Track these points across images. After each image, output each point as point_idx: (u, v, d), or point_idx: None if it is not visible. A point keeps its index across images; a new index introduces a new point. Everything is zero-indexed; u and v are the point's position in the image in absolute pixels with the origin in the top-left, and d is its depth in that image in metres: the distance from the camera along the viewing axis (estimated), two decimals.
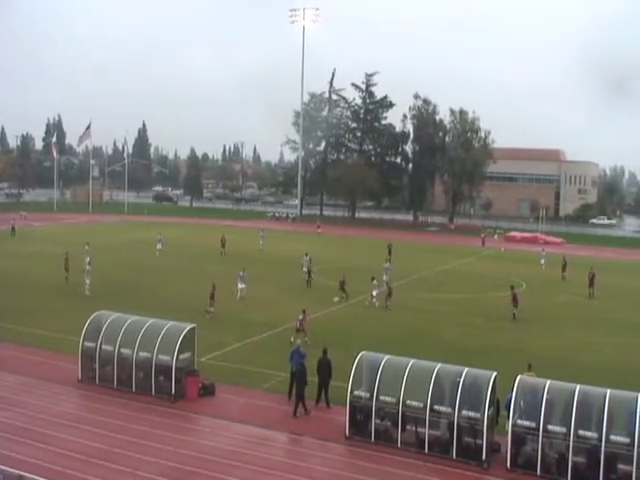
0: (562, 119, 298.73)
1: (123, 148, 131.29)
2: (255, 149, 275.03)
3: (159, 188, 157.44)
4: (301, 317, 30.92)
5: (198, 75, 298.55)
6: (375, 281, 41.16)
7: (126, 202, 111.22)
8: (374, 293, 40.44)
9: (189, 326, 24.53)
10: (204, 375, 24.69)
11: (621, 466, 18.47)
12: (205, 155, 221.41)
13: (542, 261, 60.76)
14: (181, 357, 23.92)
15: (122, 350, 24.46)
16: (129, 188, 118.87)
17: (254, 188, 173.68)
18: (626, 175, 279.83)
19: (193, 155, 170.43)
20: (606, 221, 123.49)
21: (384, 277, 44.08)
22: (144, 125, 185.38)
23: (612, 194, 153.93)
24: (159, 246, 58.33)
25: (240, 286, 40.89)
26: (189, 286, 43.95)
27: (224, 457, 19.49)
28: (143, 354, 24.09)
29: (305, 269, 47.16)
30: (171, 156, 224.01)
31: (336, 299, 39.37)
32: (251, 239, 69.34)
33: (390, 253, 57.82)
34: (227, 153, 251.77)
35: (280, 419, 22.48)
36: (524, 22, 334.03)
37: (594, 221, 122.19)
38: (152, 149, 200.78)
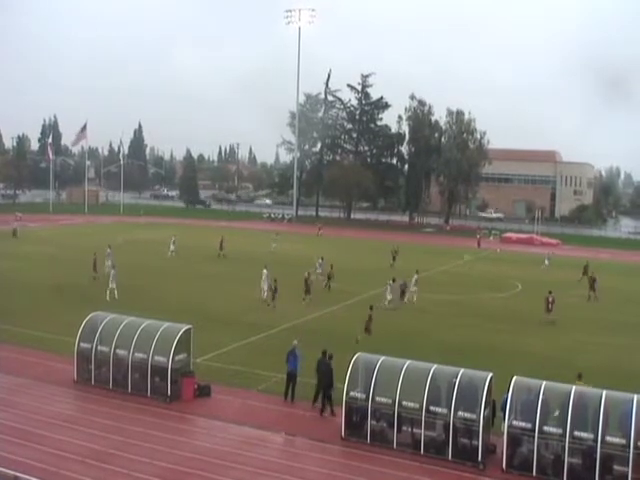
0: (558, 120, 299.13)
1: (119, 149, 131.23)
2: (251, 150, 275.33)
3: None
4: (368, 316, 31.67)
5: (194, 76, 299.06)
6: (391, 282, 40.89)
7: (122, 203, 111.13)
8: (388, 297, 40.18)
9: (185, 327, 24.52)
10: (200, 376, 24.69)
11: (616, 467, 18.50)
12: (201, 156, 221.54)
13: (546, 262, 60.82)
14: (177, 358, 23.90)
15: (118, 351, 24.44)
16: (125, 189, 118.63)
17: (250, 189, 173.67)
18: (622, 176, 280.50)
19: (189, 156, 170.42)
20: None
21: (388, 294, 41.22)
22: (140, 126, 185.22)
23: (608, 195, 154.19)
24: (172, 247, 57.93)
25: (264, 287, 40.91)
26: (201, 287, 44.08)
27: (219, 458, 19.48)
28: (139, 355, 24.06)
29: (319, 270, 47.05)
30: (167, 157, 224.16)
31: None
32: (252, 240, 69.35)
33: (394, 259, 57.68)
34: (223, 154, 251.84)
35: (276, 420, 22.47)
36: (521, 23, 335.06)
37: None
38: (148, 150, 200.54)
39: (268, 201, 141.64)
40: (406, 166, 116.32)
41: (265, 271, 41.59)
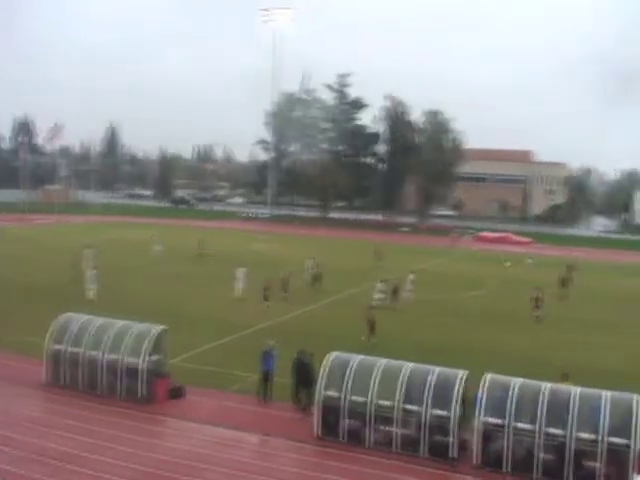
0: (532, 120, 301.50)
1: (92, 148, 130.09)
2: (227, 149, 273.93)
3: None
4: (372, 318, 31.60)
5: (169, 74, 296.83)
6: (380, 283, 41.06)
7: (98, 202, 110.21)
8: (376, 297, 40.11)
9: (159, 327, 24.32)
10: (175, 377, 24.50)
11: (587, 462, 18.68)
12: (176, 155, 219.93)
13: (529, 261, 61.11)
14: (150, 359, 23.68)
15: (90, 352, 24.16)
16: (99, 188, 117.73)
17: (226, 188, 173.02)
18: (595, 176, 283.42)
19: (163, 155, 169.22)
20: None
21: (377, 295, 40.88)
22: (113, 124, 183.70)
23: (580, 194, 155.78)
24: (158, 247, 57.37)
25: (240, 285, 41.17)
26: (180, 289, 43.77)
27: (193, 459, 19.34)
28: (111, 356, 23.81)
29: (311, 271, 46.89)
30: (141, 156, 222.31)
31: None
32: (230, 240, 69.05)
33: (379, 259, 57.85)
34: (198, 153, 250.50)
35: (251, 421, 22.38)
36: (497, 22, 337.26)
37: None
38: (122, 148, 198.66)
39: (239, 199, 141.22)
40: (383, 165, 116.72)
41: (241, 270, 41.52)
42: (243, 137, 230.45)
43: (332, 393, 21.07)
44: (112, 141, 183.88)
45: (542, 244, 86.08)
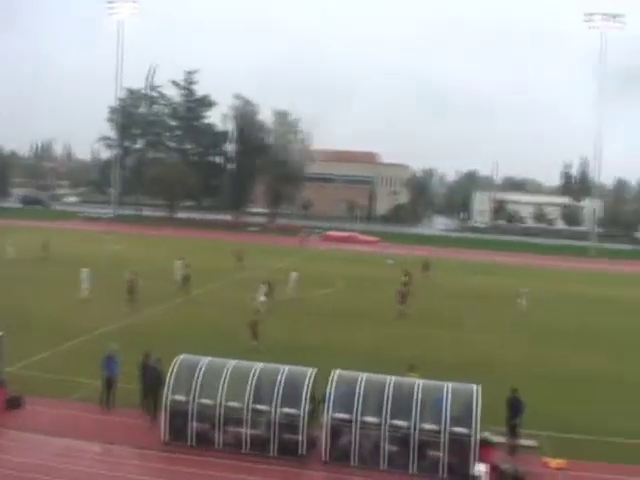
0: (377, 122, 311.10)
1: None
2: (67, 146, 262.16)
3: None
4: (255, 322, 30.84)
5: (13, 68, 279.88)
6: (263, 285, 40.74)
7: None
8: (261, 299, 39.70)
9: None
10: (12, 386, 23.07)
11: (431, 452, 19.44)
12: (12, 152, 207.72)
13: (389, 262, 62.15)
14: None
15: None
16: None
17: (66, 187, 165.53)
18: (436, 177, 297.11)
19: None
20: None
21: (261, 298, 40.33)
22: None
23: (422, 195, 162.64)
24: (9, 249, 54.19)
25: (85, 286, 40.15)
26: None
27: (35, 472, 18.26)
28: None
29: (181, 272, 45.74)
30: None
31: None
32: (75, 240, 66.12)
33: (240, 260, 57.84)
34: (37, 150, 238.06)
35: (94, 429, 21.46)
36: (344, 23, 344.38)
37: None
38: None
39: (73, 199, 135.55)
40: (231, 165, 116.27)
41: (85, 270, 40.37)
42: (84, 134, 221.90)
43: (179, 397, 20.66)
44: None
45: (387, 243, 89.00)
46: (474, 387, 19.73)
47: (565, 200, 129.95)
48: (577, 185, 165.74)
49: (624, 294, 55.57)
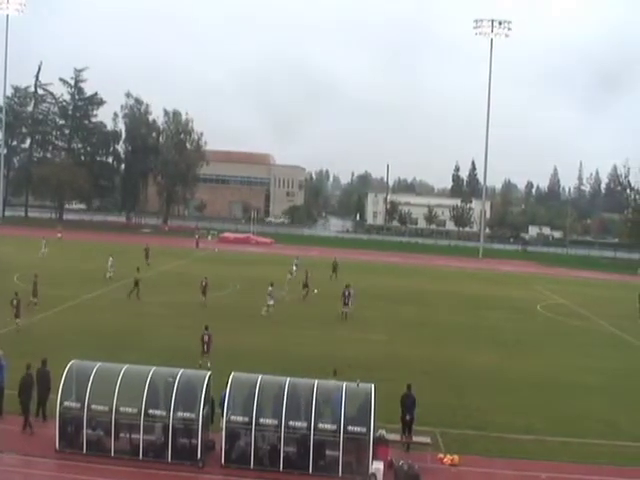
0: (267, 122, 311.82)
1: None
2: None
3: None
4: (206, 338, 28.54)
5: None
6: (271, 288, 40.55)
7: None
8: (270, 302, 39.76)
9: None
10: None
11: (329, 452, 19.60)
12: None
13: (294, 268, 60.60)
14: None
15: None
16: None
17: None
18: (331, 179, 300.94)
19: None
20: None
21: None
22: None
23: (317, 196, 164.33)
24: None
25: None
26: None
27: None
28: None
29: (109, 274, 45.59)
30: None
31: None
32: None
33: (148, 257, 58.84)
34: None
35: None
36: (231, 23, 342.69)
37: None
38: None
39: None
40: (123, 165, 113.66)
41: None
42: None
43: (71, 403, 19.98)
44: None
45: (282, 244, 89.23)
46: (370, 386, 20.02)
47: (455, 202, 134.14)
48: (466, 187, 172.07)
49: (512, 294, 57.94)
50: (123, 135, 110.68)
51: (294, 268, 56.20)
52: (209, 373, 20.45)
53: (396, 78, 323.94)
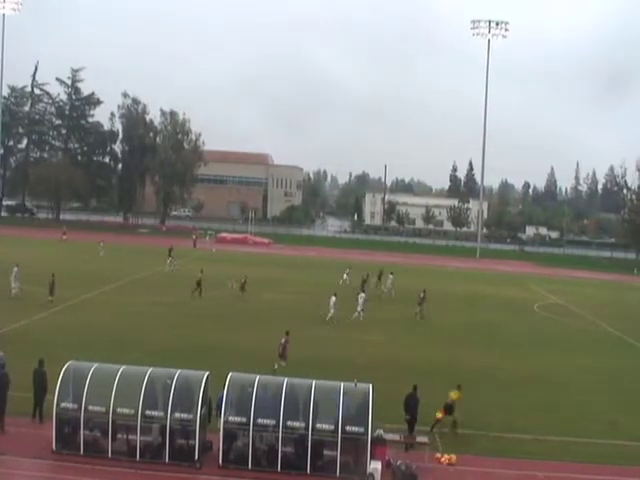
0: (265, 123, 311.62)
1: None
2: None
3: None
4: (283, 340, 28.55)
5: None
6: (363, 294, 41.08)
7: None
8: (332, 311, 39.70)
9: None
10: None
11: (327, 452, 19.56)
12: None
13: (345, 276, 59.47)
14: None
15: None
16: None
17: None
18: (328, 179, 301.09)
19: None
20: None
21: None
22: None
23: (315, 197, 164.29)
24: None
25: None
26: None
27: None
28: None
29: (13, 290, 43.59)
30: None
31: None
32: None
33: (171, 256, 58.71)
34: None
35: None
36: (235, 22, 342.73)
37: None
38: None
39: None
40: (120, 165, 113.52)
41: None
42: None
43: (68, 404, 19.91)
44: None
45: (280, 244, 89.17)
46: (368, 386, 19.97)
47: (452, 202, 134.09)
48: (464, 187, 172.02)
49: (509, 294, 57.97)
50: (120, 135, 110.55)
51: (345, 276, 54.92)
52: (207, 373, 20.38)
53: (394, 79, 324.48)
